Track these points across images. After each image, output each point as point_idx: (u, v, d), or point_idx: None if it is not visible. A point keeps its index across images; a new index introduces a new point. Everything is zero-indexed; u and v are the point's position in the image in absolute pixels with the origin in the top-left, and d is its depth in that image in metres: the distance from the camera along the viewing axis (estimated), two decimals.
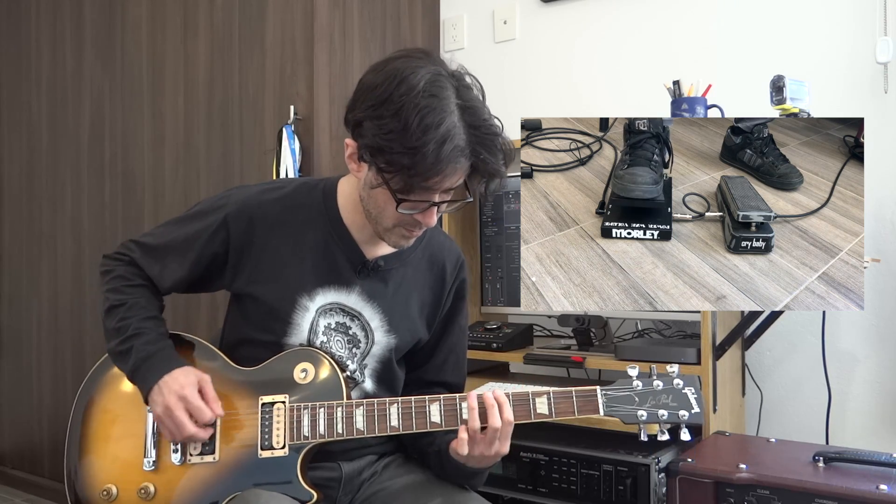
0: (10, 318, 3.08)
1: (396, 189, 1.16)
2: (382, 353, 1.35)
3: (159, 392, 1.23)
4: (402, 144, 1.11)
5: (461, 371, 1.46)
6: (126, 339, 1.27)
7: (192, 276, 1.34)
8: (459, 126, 1.12)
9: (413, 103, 1.10)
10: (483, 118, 1.15)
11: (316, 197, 1.34)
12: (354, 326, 1.33)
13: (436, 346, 1.43)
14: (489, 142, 1.15)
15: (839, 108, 1.91)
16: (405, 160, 1.11)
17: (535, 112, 2.33)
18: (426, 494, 1.28)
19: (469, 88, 1.17)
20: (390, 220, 1.22)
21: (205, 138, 2.38)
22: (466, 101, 1.15)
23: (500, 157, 1.17)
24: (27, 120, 3.01)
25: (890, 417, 1.85)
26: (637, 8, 2.22)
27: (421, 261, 1.38)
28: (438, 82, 1.13)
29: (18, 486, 3.00)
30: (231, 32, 2.32)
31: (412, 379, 1.44)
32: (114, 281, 1.34)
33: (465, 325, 1.46)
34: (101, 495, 1.28)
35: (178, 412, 1.21)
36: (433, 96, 1.11)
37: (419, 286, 1.38)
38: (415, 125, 1.09)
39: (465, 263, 1.44)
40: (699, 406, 1.18)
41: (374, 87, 1.15)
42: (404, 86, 1.11)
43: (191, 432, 1.22)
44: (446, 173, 1.14)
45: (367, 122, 1.15)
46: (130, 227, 2.60)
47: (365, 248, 1.32)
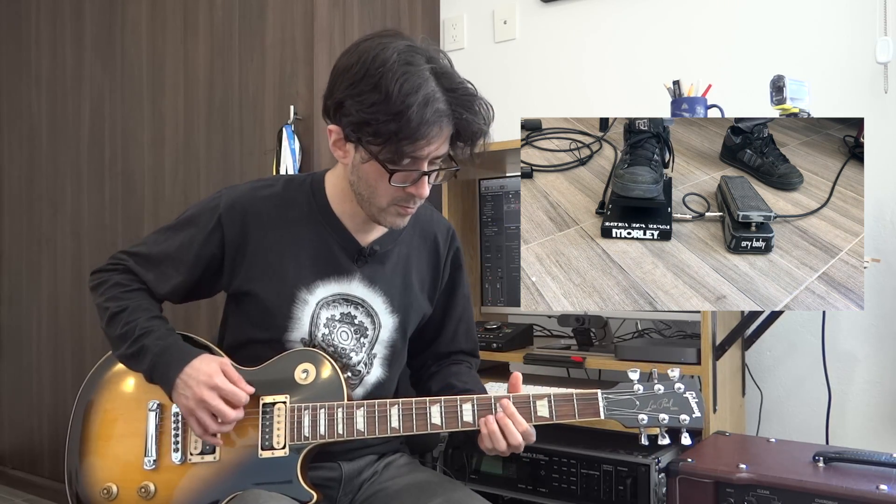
0: (10, 318, 3.08)
1: (386, 160, 1.18)
2: (391, 336, 1.37)
3: (186, 386, 1.22)
4: (386, 112, 1.14)
5: (473, 337, 1.51)
6: (135, 339, 1.27)
7: (190, 281, 1.34)
8: (437, 89, 1.16)
9: (391, 73, 1.14)
10: (458, 81, 1.19)
11: (304, 192, 1.35)
12: (360, 314, 1.34)
13: (444, 318, 1.46)
14: (468, 102, 1.19)
15: (839, 108, 1.91)
16: (391, 126, 1.14)
17: (535, 112, 2.33)
18: (426, 494, 1.28)
19: (438, 57, 1.20)
20: (384, 198, 1.24)
21: (205, 138, 2.38)
22: (439, 68, 1.18)
23: (482, 117, 1.20)
24: (27, 120, 3.01)
25: (890, 417, 1.85)
26: (637, 8, 2.22)
27: (413, 237, 1.40)
28: (410, 52, 1.17)
29: (18, 486, 3.00)
30: (231, 32, 2.32)
31: (429, 354, 1.47)
32: (111, 290, 1.33)
33: (468, 292, 1.50)
34: (101, 494, 1.28)
35: (215, 402, 1.20)
36: (408, 63, 1.15)
37: (415, 262, 1.40)
38: (395, 92, 1.13)
39: (456, 233, 1.47)
40: (700, 410, 1.18)
41: (349, 68, 1.18)
42: (379, 59, 1.15)
43: (232, 417, 1.21)
44: (432, 136, 1.16)
45: (347, 100, 1.18)
46: (130, 227, 2.60)
47: (358, 236, 1.34)
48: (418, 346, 1.47)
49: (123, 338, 1.28)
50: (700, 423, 1.18)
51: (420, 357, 1.48)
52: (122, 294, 1.32)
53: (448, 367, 1.45)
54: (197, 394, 1.20)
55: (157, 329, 1.28)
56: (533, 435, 1.22)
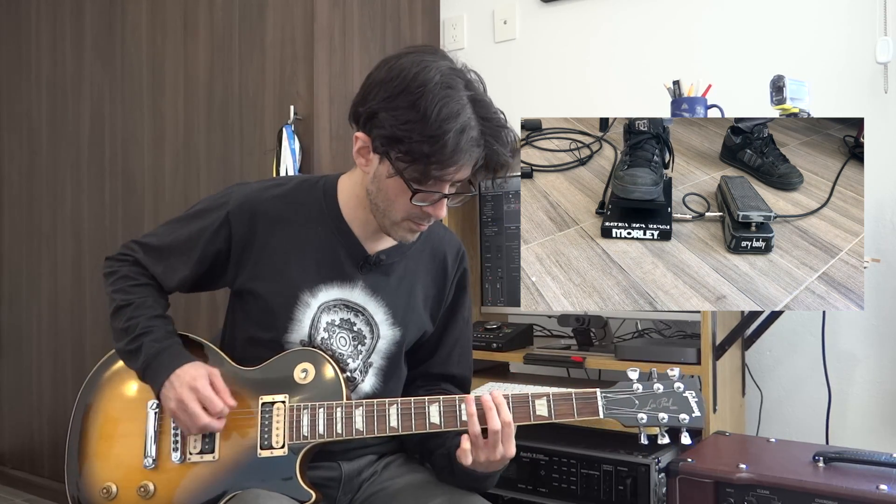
0: (10, 318, 3.08)
1: (411, 179, 1.18)
2: (389, 347, 1.36)
3: (171, 387, 1.24)
4: (422, 133, 1.13)
5: (467, 363, 1.46)
6: (135, 337, 1.28)
7: (196, 275, 1.34)
8: (473, 118, 1.16)
9: (431, 94, 1.13)
10: (493, 111, 1.19)
11: (316, 194, 1.34)
12: (359, 322, 1.33)
13: (440, 338, 1.43)
14: (499, 133, 1.19)
15: (839, 108, 1.91)
16: (424, 148, 1.13)
17: (535, 112, 2.33)
18: (426, 494, 1.28)
19: (475, 83, 1.20)
20: (400, 213, 1.23)
21: (205, 138, 2.38)
22: (476, 95, 1.18)
23: (509, 149, 1.20)
24: (27, 120, 3.01)
25: (890, 417, 1.85)
26: (638, 8, 2.22)
27: (422, 253, 1.39)
28: (451, 76, 1.16)
29: (18, 486, 3.00)
30: (231, 32, 2.32)
31: (419, 373, 1.44)
32: (119, 281, 1.35)
33: (469, 316, 1.47)
34: (100, 493, 1.28)
35: (192, 404, 1.22)
36: (449, 88, 1.14)
37: (422, 278, 1.39)
38: (434, 115, 1.12)
39: (466, 254, 1.45)
40: (700, 410, 1.18)
41: (388, 81, 1.17)
42: (420, 78, 1.14)
43: (205, 422, 1.22)
44: (462, 163, 1.16)
45: (382, 113, 1.17)
46: (130, 227, 2.60)
47: (366, 244, 1.33)
48: (410, 362, 1.44)
49: (124, 332, 1.30)
50: (700, 422, 1.18)
51: (409, 373, 1.45)
52: (129, 287, 1.34)
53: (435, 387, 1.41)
54: (178, 394, 1.23)
55: (156, 330, 1.29)
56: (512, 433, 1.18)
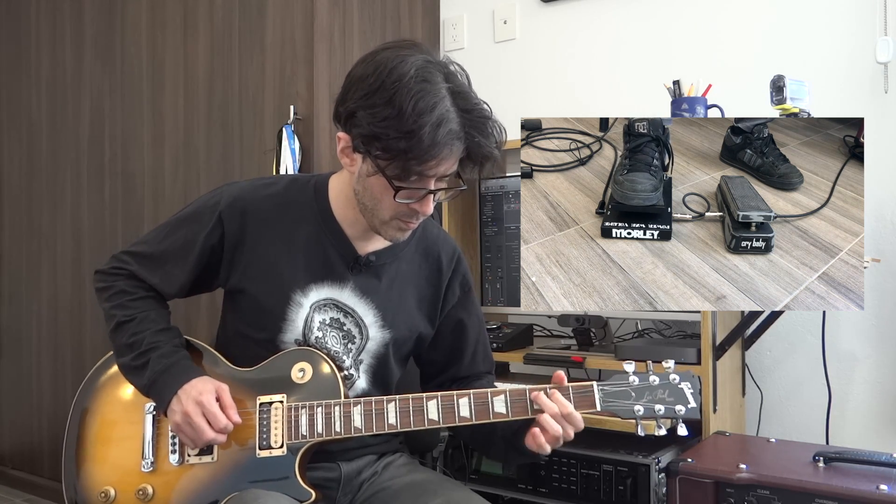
0: (10, 318, 3.08)
1: (392, 176, 1.17)
2: (378, 348, 1.35)
3: (178, 401, 1.23)
4: (398, 129, 1.12)
5: (489, 356, 1.48)
6: (141, 353, 1.26)
7: (195, 277, 1.34)
8: (452, 110, 1.14)
9: (406, 89, 1.12)
10: (474, 102, 1.17)
11: (307, 193, 1.34)
12: (348, 322, 1.33)
13: (462, 345, 1.43)
14: (482, 125, 1.17)
15: (839, 108, 1.91)
16: (401, 144, 1.12)
17: (535, 112, 2.33)
18: (426, 494, 1.28)
19: (456, 75, 1.19)
20: (387, 211, 1.23)
21: (205, 138, 2.38)
22: (456, 87, 1.16)
23: (493, 140, 1.19)
24: (27, 120, 3.01)
25: (890, 417, 1.85)
26: (637, 8, 2.22)
27: (415, 254, 1.38)
28: (428, 69, 1.15)
29: (18, 486, 3.00)
30: (231, 32, 2.32)
31: (447, 377, 1.44)
32: (117, 297, 1.32)
33: (481, 314, 1.48)
34: (99, 497, 1.28)
35: (197, 418, 1.20)
36: (425, 81, 1.13)
37: (415, 280, 1.38)
38: (409, 110, 1.11)
39: (463, 258, 1.44)
40: (696, 401, 1.18)
41: (365, 78, 1.16)
42: (395, 73, 1.13)
43: (209, 437, 1.21)
44: (442, 157, 1.15)
45: (360, 111, 1.16)
46: (130, 227, 2.60)
47: (357, 244, 1.32)
48: (434, 369, 1.44)
49: (129, 348, 1.28)
50: (696, 413, 1.18)
51: (438, 378, 1.45)
52: (129, 302, 1.31)
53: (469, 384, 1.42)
54: (184, 408, 1.21)
55: (163, 345, 1.28)
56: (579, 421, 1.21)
